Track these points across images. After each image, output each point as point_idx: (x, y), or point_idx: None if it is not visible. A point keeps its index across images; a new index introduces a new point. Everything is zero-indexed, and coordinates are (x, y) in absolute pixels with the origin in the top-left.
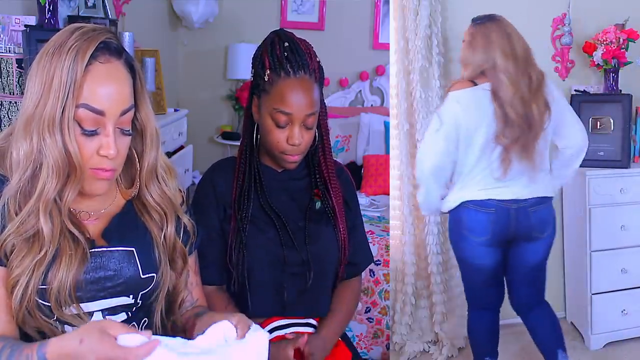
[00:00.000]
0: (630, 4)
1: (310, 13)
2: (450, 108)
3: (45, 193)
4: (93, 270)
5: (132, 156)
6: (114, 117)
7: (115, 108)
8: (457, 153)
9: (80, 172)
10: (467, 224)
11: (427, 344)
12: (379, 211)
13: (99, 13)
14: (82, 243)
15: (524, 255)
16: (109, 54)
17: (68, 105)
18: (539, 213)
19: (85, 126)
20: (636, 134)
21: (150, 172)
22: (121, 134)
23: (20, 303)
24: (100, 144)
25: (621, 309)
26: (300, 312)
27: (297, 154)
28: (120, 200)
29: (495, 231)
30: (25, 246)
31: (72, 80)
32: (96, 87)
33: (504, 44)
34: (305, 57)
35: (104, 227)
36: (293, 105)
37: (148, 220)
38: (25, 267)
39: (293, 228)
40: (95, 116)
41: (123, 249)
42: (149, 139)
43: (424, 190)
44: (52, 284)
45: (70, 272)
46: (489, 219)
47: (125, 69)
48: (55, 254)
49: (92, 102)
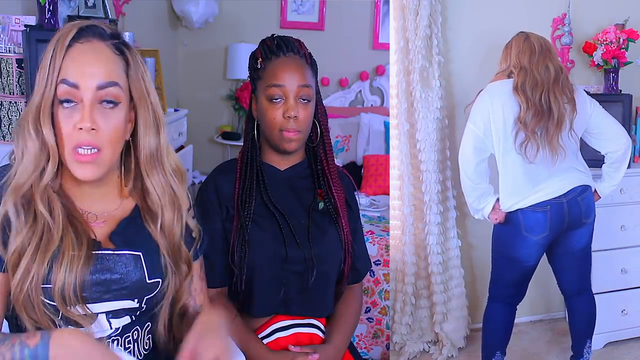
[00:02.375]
0: (630, 4)
1: (310, 13)
2: (482, 99)
3: (18, 178)
4: (99, 272)
5: (131, 147)
6: (90, 90)
7: (90, 81)
8: (492, 143)
9: (56, 151)
10: (526, 225)
11: (427, 344)
12: (379, 211)
13: (99, 13)
14: (86, 243)
15: (572, 242)
16: (91, 36)
17: (49, 86)
18: (585, 200)
19: (62, 98)
20: (636, 134)
21: (151, 160)
22: (104, 109)
23: (22, 289)
24: (78, 118)
25: (621, 309)
26: (302, 311)
27: (296, 131)
28: (128, 204)
29: (552, 227)
30: (26, 228)
31: (52, 63)
32: (73, 63)
33: (519, 43)
34: (295, 44)
35: (112, 230)
36: (285, 78)
37: (152, 228)
38: (25, 242)
39: (296, 226)
40: (70, 89)
41: (130, 253)
42: (143, 124)
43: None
44: (56, 282)
45: (73, 270)
46: (546, 216)
47: (110, 50)
48: (58, 252)
49: (69, 77)
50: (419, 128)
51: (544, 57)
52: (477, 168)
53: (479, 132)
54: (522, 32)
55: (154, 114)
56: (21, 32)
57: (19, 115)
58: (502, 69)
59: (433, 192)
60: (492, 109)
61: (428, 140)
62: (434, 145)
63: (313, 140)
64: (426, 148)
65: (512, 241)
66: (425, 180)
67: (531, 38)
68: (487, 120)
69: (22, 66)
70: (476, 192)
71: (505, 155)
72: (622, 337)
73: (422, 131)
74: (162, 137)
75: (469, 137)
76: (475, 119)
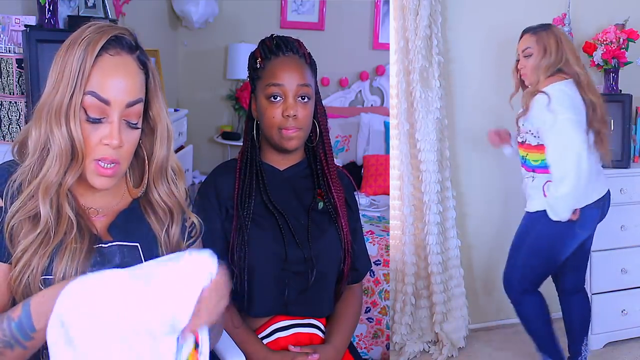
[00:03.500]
0: (630, 4)
1: (310, 13)
2: (564, 92)
3: (48, 176)
4: (99, 264)
5: (142, 155)
6: (120, 107)
7: (121, 99)
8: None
9: (82, 159)
10: (582, 222)
11: (427, 344)
12: (379, 211)
13: (99, 13)
14: (88, 237)
15: (589, 241)
16: (120, 47)
17: (76, 93)
18: (609, 201)
19: (91, 114)
20: (636, 134)
21: (160, 171)
22: (127, 127)
23: (21, 281)
24: (105, 133)
25: (621, 309)
26: (302, 311)
27: (295, 129)
28: (128, 198)
29: (597, 224)
30: (30, 226)
31: (81, 68)
32: (104, 77)
33: (567, 43)
34: (295, 43)
35: (110, 222)
36: (284, 77)
37: (152, 220)
38: (29, 243)
39: (295, 226)
40: (100, 104)
41: (128, 244)
42: (159, 137)
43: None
44: (57, 274)
45: (74, 263)
46: (599, 214)
47: (136, 64)
48: (61, 245)
49: (99, 91)
50: (419, 128)
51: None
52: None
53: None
54: (552, 26)
55: (167, 127)
56: (21, 32)
57: (19, 115)
58: (550, 62)
59: (433, 192)
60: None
61: (428, 140)
62: (434, 145)
63: (312, 140)
64: (426, 148)
65: (562, 237)
66: (425, 180)
67: (568, 38)
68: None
69: (22, 66)
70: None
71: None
72: (622, 337)
73: (422, 131)
74: (171, 149)
75: (574, 128)
76: (574, 109)
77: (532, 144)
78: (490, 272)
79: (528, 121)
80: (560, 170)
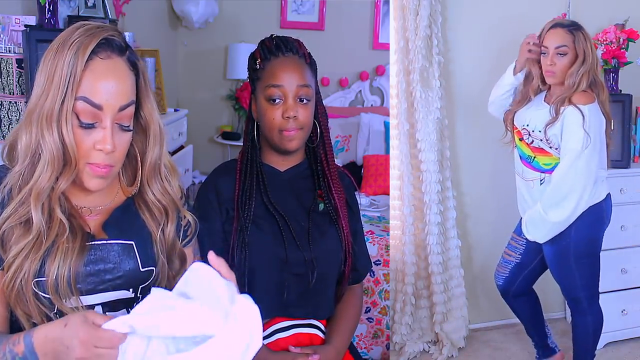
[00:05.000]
0: (630, 4)
1: (310, 13)
2: (598, 118)
3: (40, 182)
4: (93, 262)
5: (134, 153)
6: (112, 112)
7: (114, 103)
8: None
9: (75, 164)
10: (608, 213)
11: (427, 344)
12: (379, 211)
13: (99, 13)
14: (80, 236)
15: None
16: (110, 50)
17: (67, 98)
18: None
19: (83, 119)
20: (636, 134)
21: (153, 170)
22: (120, 130)
23: (14, 286)
24: (98, 138)
25: (621, 309)
26: (302, 313)
27: (296, 129)
28: (122, 196)
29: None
30: (22, 231)
31: (72, 73)
32: (95, 81)
33: (595, 52)
34: (295, 43)
35: (104, 220)
36: (284, 78)
37: (147, 217)
38: (20, 249)
39: (296, 227)
40: (93, 110)
41: (122, 242)
42: (152, 137)
43: (578, 200)
44: (49, 275)
45: (66, 262)
46: (612, 204)
47: (126, 66)
48: (52, 246)
49: (91, 96)
50: (419, 128)
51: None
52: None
53: (604, 149)
54: (582, 26)
55: (159, 127)
56: (21, 32)
57: (19, 115)
58: (587, 69)
59: (433, 192)
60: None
61: (428, 140)
62: (434, 145)
63: (313, 140)
64: (426, 148)
65: (600, 230)
66: (425, 180)
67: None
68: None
69: (22, 66)
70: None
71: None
72: (622, 337)
73: (422, 131)
74: (164, 147)
75: (594, 161)
76: (601, 135)
77: (544, 148)
78: (491, 272)
79: (555, 127)
80: (562, 193)
